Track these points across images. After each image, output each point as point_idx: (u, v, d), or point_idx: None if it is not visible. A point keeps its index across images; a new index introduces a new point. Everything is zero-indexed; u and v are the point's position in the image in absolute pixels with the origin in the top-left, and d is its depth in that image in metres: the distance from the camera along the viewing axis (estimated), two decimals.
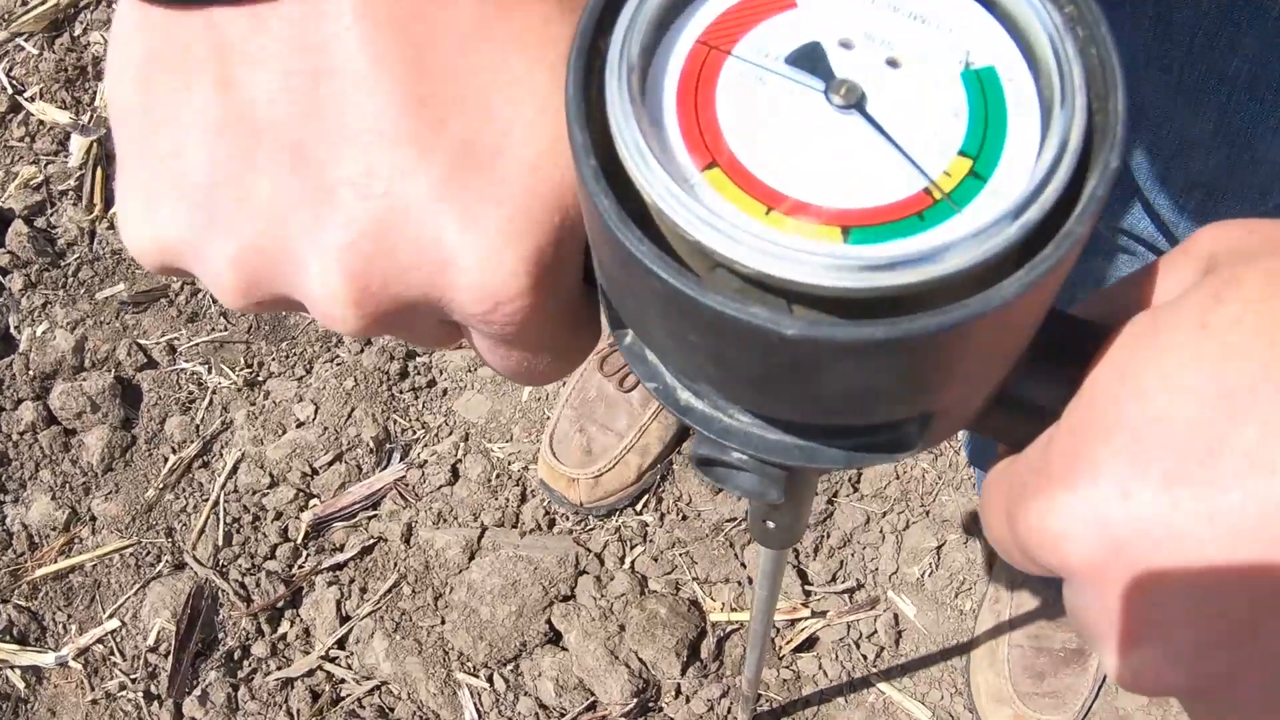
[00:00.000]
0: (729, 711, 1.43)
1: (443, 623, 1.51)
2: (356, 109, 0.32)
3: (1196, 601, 0.30)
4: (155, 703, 1.44)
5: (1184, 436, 0.30)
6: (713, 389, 0.34)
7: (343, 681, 1.47)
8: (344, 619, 1.51)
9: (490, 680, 1.47)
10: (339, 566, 1.55)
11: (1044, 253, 0.29)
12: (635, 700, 1.44)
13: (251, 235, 0.33)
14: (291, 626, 1.51)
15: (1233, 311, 0.31)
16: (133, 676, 1.46)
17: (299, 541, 1.56)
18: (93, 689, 1.45)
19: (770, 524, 0.56)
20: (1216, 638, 0.31)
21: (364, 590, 1.54)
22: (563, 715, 1.44)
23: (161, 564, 1.54)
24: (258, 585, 1.53)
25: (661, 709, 1.45)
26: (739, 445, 0.35)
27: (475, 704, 1.45)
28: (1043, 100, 0.32)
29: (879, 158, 0.31)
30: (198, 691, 1.44)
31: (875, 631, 1.53)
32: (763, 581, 0.80)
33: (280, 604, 1.52)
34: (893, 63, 0.32)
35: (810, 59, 0.32)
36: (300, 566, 1.55)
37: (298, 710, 1.45)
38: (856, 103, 0.31)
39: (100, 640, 1.49)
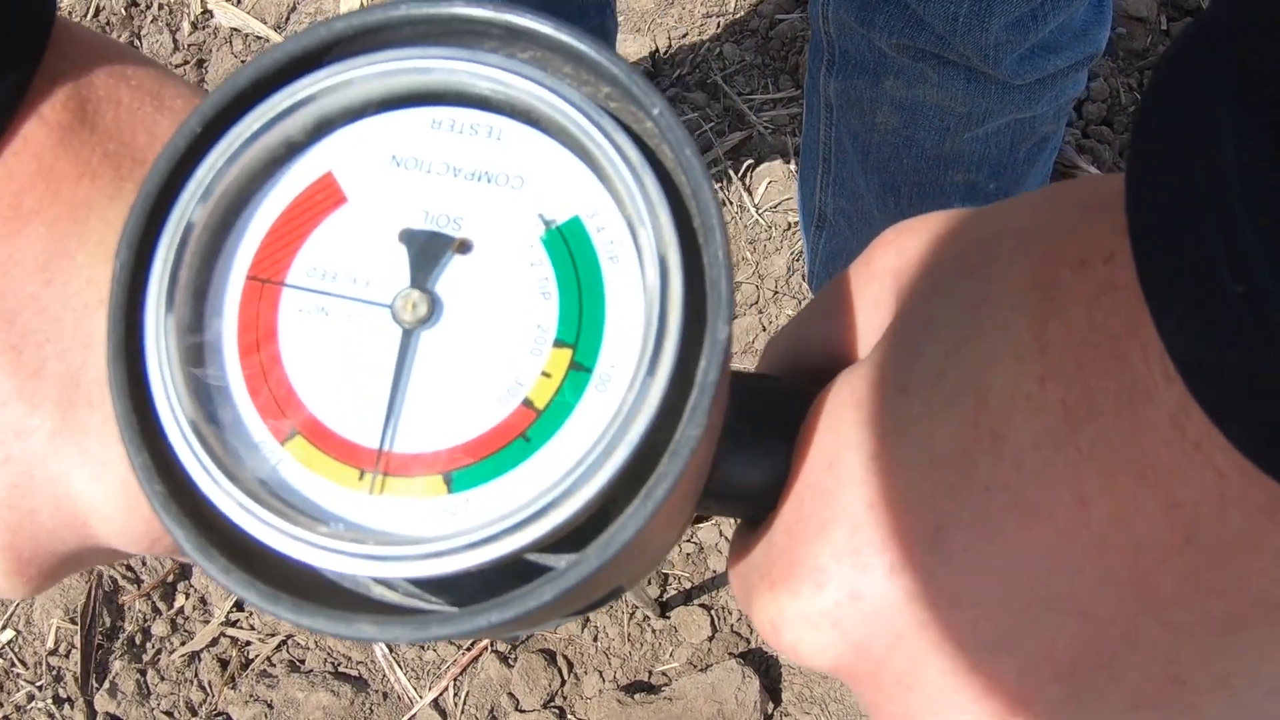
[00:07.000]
0: (633, 609, 1.39)
1: None
2: None
3: (956, 683, 0.28)
4: (67, 705, 1.43)
5: (904, 520, 0.28)
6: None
7: (248, 644, 1.45)
8: None
9: None
10: None
11: (660, 469, 0.26)
12: None
13: None
14: (187, 599, 1.48)
15: (931, 366, 0.28)
16: (39, 684, 1.44)
17: None
18: (1, 705, 1.44)
19: None
20: (993, 709, 0.29)
21: None
22: None
23: None
24: (144, 564, 1.48)
25: None
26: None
27: None
28: (637, 241, 0.28)
29: (469, 375, 0.28)
30: (106, 685, 1.43)
31: None
32: None
33: (171, 578, 1.48)
34: (465, 247, 0.29)
35: (373, 268, 0.29)
36: None
37: (209, 682, 1.43)
38: (428, 316, 0.28)
39: None
